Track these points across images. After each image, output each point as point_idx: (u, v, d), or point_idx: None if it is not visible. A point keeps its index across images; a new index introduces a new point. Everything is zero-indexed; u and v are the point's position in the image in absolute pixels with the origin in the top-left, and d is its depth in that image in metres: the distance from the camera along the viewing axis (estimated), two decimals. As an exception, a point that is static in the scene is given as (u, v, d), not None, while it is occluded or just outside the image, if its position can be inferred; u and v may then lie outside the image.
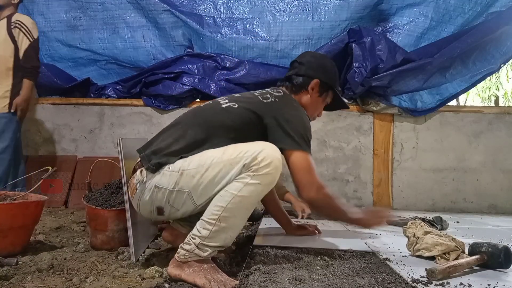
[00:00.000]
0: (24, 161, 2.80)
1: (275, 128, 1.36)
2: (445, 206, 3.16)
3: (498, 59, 2.99)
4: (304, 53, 1.72)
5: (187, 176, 1.23)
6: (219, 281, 1.17)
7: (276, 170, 1.21)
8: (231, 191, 1.18)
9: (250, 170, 1.17)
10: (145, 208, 1.35)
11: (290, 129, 1.36)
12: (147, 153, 1.33)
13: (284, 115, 1.38)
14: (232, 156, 1.20)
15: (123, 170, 1.47)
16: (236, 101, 1.42)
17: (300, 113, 1.46)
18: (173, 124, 1.43)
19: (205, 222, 1.20)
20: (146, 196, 1.30)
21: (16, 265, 1.40)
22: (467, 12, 3.06)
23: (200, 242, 1.20)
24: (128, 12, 3.37)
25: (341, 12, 3.17)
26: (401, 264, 1.35)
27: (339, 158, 3.21)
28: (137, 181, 1.33)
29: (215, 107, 1.42)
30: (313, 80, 1.57)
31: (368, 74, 2.97)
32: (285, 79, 1.62)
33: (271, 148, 1.22)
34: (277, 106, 1.42)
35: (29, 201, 1.65)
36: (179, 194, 1.25)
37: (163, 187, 1.26)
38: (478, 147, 3.20)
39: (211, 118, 1.37)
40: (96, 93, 3.40)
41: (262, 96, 1.45)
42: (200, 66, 3.28)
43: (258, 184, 1.18)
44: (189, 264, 1.22)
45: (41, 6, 3.38)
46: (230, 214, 1.19)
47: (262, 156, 1.17)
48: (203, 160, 1.23)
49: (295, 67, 1.61)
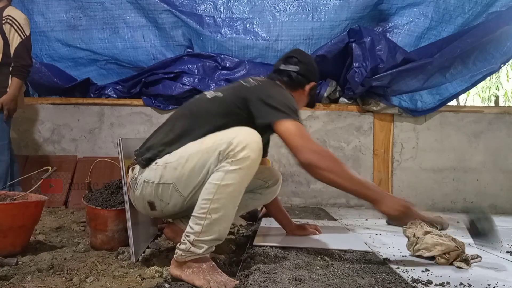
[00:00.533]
0: (20, 161, 2.75)
1: (260, 105, 1.34)
2: (445, 206, 3.16)
3: (498, 59, 2.99)
4: (298, 50, 1.72)
5: (170, 169, 1.27)
6: (219, 281, 1.16)
7: (253, 151, 1.17)
8: (214, 182, 1.18)
9: (228, 157, 1.17)
10: (139, 204, 1.40)
11: (275, 103, 1.33)
12: (141, 150, 1.39)
13: (268, 93, 1.38)
14: (208, 144, 1.22)
15: (123, 170, 1.48)
16: (220, 91, 1.45)
17: (284, 90, 1.47)
18: (164, 122, 1.47)
19: (196, 218, 1.20)
20: (138, 191, 1.35)
21: (16, 265, 1.40)
22: (467, 12, 3.06)
23: (194, 238, 1.19)
24: (128, 12, 3.37)
25: (341, 12, 3.17)
26: (401, 264, 1.35)
27: (339, 158, 3.20)
28: (130, 178, 1.40)
29: (201, 98, 1.47)
30: (312, 82, 1.63)
31: (368, 74, 2.97)
32: (284, 73, 1.60)
33: (245, 132, 1.21)
34: (260, 88, 1.43)
35: (29, 201, 1.65)
36: (165, 187, 1.29)
37: (151, 181, 1.31)
38: (478, 147, 3.20)
39: (196, 109, 1.41)
40: (96, 93, 3.40)
41: (245, 82, 1.47)
42: (200, 66, 3.28)
43: (239, 169, 1.17)
44: (188, 265, 1.22)
45: (41, 6, 3.38)
46: (219, 205, 1.18)
47: (236, 141, 1.17)
48: (184, 152, 1.27)
49: (293, 63, 1.60)
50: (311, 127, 3.23)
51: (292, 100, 1.41)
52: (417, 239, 1.48)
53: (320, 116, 3.24)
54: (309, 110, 3.23)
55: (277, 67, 1.64)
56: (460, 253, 1.37)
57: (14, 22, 2.41)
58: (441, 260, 1.37)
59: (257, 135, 1.21)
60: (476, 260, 1.41)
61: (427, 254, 1.41)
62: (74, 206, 2.90)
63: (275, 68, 1.65)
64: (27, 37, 2.46)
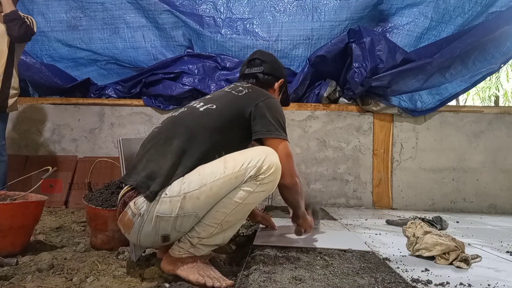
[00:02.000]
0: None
1: (256, 118, 1.36)
2: (445, 206, 3.16)
3: (498, 59, 2.99)
4: (258, 51, 1.71)
5: (191, 199, 1.16)
6: (212, 277, 1.18)
7: (278, 173, 1.24)
8: (236, 199, 1.19)
9: (257, 179, 1.19)
10: (147, 240, 1.24)
11: (271, 117, 1.36)
12: (141, 179, 1.21)
13: (263, 104, 1.38)
14: (235, 169, 1.18)
15: (123, 170, 1.47)
16: (212, 102, 1.39)
17: (275, 100, 1.47)
18: (152, 140, 1.32)
19: (206, 225, 1.20)
20: (148, 227, 1.19)
21: (16, 265, 1.40)
22: (467, 12, 3.07)
23: (198, 242, 1.21)
24: (128, 12, 3.37)
25: (341, 12, 3.17)
26: (401, 264, 1.36)
27: (339, 158, 3.22)
28: (133, 214, 1.20)
29: (194, 112, 1.37)
30: (280, 79, 1.65)
31: (368, 74, 2.97)
32: (250, 76, 1.62)
33: (272, 154, 1.24)
34: (254, 96, 1.42)
35: (29, 201, 1.65)
36: (185, 218, 1.18)
37: (166, 215, 1.17)
38: (478, 147, 3.20)
39: (192, 124, 1.31)
40: (96, 93, 3.40)
41: (235, 91, 1.45)
42: (200, 66, 3.28)
43: (263, 191, 1.22)
44: (182, 260, 1.23)
45: (41, 6, 3.39)
46: (232, 219, 1.21)
47: (266, 165, 1.19)
48: (204, 179, 1.18)
49: (257, 64, 1.62)
50: (311, 127, 3.23)
51: (282, 113, 1.44)
52: (417, 239, 1.48)
53: (320, 116, 3.24)
54: (309, 110, 3.24)
55: (242, 72, 1.65)
56: (460, 253, 1.37)
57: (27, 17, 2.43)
58: (441, 260, 1.38)
59: (276, 155, 1.26)
60: (476, 260, 1.41)
61: (426, 254, 1.42)
62: (74, 206, 2.91)
63: (241, 73, 1.66)
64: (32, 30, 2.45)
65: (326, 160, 3.22)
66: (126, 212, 1.22)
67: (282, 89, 1.70)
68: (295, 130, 3.21)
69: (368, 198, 3.18)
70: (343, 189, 3.19)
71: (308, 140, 3.23)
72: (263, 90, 1.51)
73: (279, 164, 1.24)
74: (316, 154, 3.21)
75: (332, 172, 3.21)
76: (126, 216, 1.21)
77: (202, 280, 1.16)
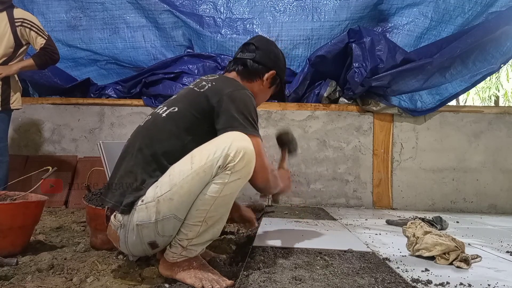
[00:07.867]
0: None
1: (220, 114, 1.23)
2: (445, 206, 3.16)
3: (498, 59, 2.99)
4: (258, 36, 1.59)
5: (165, 201, 1.14)
6: (210, 279, 1.16)
7: (251, 158, 1.15)
8: (212, 194, 1.13)
9: (226, 169, 1.11)
10: (136, 249, 1.24)
11: (235, 112, 1.22)
12: (117, 199, 1.21)
13: (226, 98, 1.24)
14: (202, 162, 1.12)
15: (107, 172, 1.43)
16: (173, 105, 1.31)
17: (244, 92, 1.31)
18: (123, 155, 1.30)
19: (191, 225, 1.17)
20: (132, 237, 1.20)
21: (16, 265, 1.40)
22: (467, 12, 3.07)
23: (188, 244, 1.18)
24: (128, 12, 3.38)
25: (341, 12, 3.18)
26: (401, 264, 1.35)
27: (339, 158, 3.22)
28: (115, 227, 1.23)
29: (157, 119, 1.30)
30: (270, 71, 1.48)
31: (368, 74, 2.97)
32: (239, 62, 1.48)
33: (239, 139, 1.14)
34: (216, 89, 1.28)
35: (29, 201, 1.65)
36: (165, 221, 1.15)
37: (145, 222, 1.16)
38: (478, 147, 3.20)
39: (156, 132, 1.26)
40: (96, 93, 3.40)
41: (197, 87, 1.33)
42: (200, 66, 3.28)
43: (238, 179, 1.14)
44: (178, 265, 1.22)
45: (41, 6, 3.39)
46: (215, 213, 1.16)
47: (233, 151, 1.10)
48: (174, 179, 1.14)
49: (250, 50, 1.48)
50: (311, 127, 3.24)
51: (249, 106, 1.27)
52: (417, 239, 1.48)
53: (320, 116, 3.24)
54: (309, 110, 3.24)
55: (235, 56, 1.51)
56: (460, 253, 1.37)
57: (33, 25, 2.43)
58: (441, 260, 1.38)
59: (247, 138, 1.16)
60: (476, 260, 1.41)
61: (426, 254, 1.42)
62: (74, 206, 2.91)
63: (234, 57, 1.52)
64: (49, 37, 2.51)
65: (326, 160, 3.22)
66: (110, 226, 1.26)
67: (274, 82, 1.53)
68: (295, 130, 3.21)
69: (368, 198, 3.18)
70: (343, 189, 3.19)
71: (308, 140, 3.23)
72: (231, 81, 1.37)
73: (250, 146, 1.14)
74: (316, 154, 3.21)
75: (332, 172, 3.21)
76: (111, 229, 1.25)
77: (199, 284, 1.15)
